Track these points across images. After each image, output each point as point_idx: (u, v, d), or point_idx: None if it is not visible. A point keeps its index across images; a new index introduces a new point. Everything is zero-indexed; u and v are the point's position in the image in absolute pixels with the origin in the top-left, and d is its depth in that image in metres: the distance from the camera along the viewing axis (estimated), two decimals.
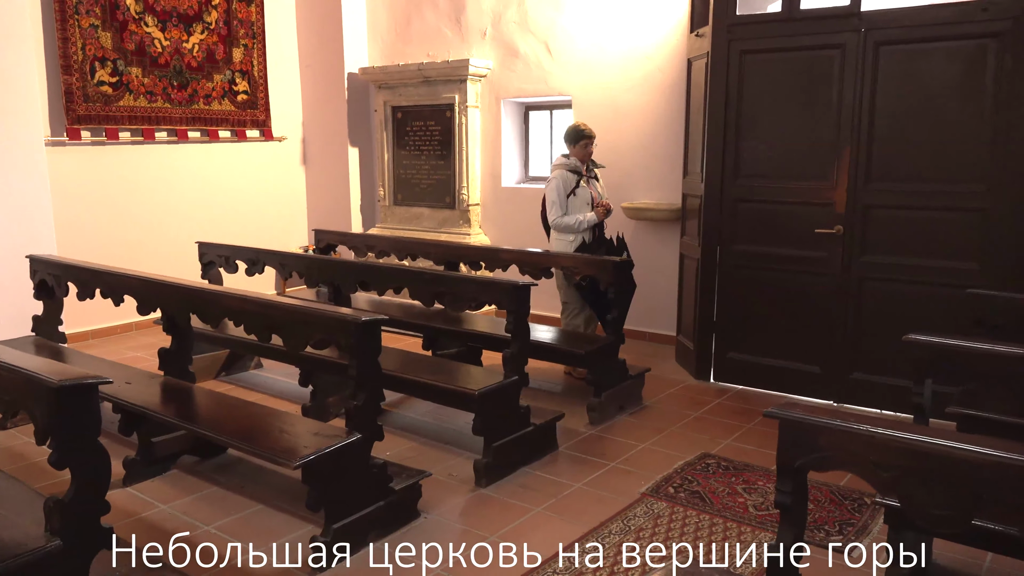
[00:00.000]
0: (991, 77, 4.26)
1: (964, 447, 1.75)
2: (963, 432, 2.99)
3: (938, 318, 4.32)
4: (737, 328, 5.21)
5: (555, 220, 5.12)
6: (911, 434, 1.83)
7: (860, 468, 1.95)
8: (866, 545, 3.23)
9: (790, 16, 4.80)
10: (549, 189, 5.16)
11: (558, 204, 5.10)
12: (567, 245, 5.16)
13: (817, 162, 4.80)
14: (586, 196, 5.15)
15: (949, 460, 1.77)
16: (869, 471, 1.92)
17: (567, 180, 5.12)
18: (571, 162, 5.17)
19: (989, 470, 1.75)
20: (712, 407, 4.86)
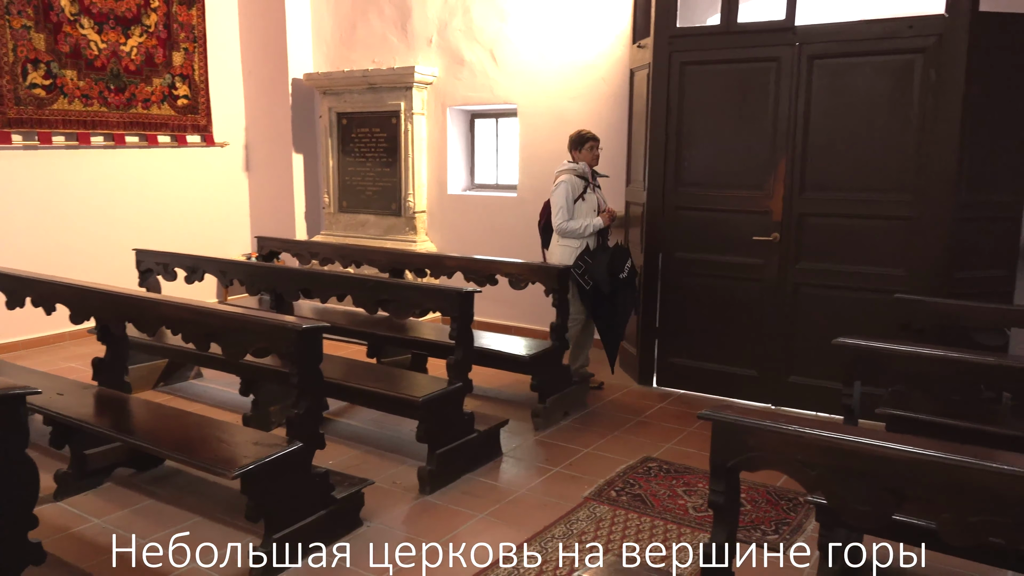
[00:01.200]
0: (917, 91, 4.44)
1: (884, 445, 1.82)
2: (892, 432, 3.11)
3: (868, 322, 4.48)
4: (679, 334, 5.31)
5: (561, 224, 4.97)
6: (835, 433, 1.90)
7: (789, 467, 2.01)
8: (800, 543, 3.31)
9: (728, 29, 4.93)
10: (557, 194, 5.00)
11: (565, 209, 4.97)
12: (570, 252, 4.99)
13: (755, 171, 4.92)
14: (593, 203, 5.06)
15: (870, 457, 1.84)
16: (797, 470, 1.98)
17: (575, 185, 5.01)
18: (579, 167, 5.06)
19: (908, 466, 1.83)
20: (654, 411, 4.93)
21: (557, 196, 5.00)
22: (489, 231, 6.82)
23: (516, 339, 5.08)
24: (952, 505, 1.77)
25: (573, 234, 4.99)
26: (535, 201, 6.52)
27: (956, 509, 1.76)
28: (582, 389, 4.99)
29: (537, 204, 6.49)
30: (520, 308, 6.57)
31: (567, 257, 4.99)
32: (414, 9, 7.01)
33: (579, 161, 5.08)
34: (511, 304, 6.57)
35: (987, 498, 1.72)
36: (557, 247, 5.08)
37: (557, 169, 5.18)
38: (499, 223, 6.77)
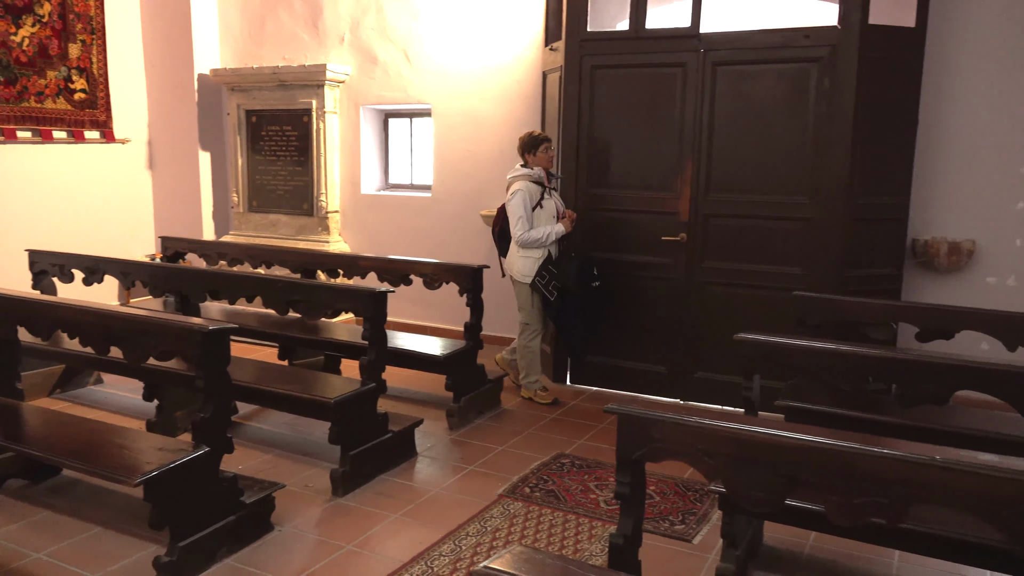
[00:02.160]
0: (813, 97, 4.66)
1: (777, 433, 1.92)
2: (791, 422, 3.27)
3: (769, 319, 4.66)
4: (592, 332, 5.40)
5: (522, 236, 4.75)
6: (732, 424, 1.99)
7: (690, 457, 2.09)
8: (706, 532, 3.44)
9: (636, 35, 5.06)
10: (514, 204, 4.76)
11: (524, 219, 4.75)
12: (532, 263, 4.81)
13: (663, 173, 5.07)
14: (552, 208, 4.88)
15: (764, 446, 1.93)
16: (698, 459, 2.07)
17: (532, 192, 4.81)
18: (534, 173, 4.84)
19: (799, 453, 1.93)
20: (568, 409, 5.02)
21: (514, 206, 4.77)
22: (404, 231, 6.78)
23: (431, 339, 5.08)
24: (839, 488, 1.88)
25: (535, 244, 4.79)
26: (449, 201, 6.54)
27: (843, 492, 1.88)
28: (496, 388, 5.03)
29: (451, 204, 6.52)
30: (435, 308, 6.57)
31: (528, 268, 4.83)
32: (325, 6, 6.91)
33: (533, 165, 4.86)
34: (426, 304, 6.55)
35: (870, 481, 1.84)
36: (517, 258, 4.88)
37: (509, 175, 4.96)
38: (414, 223, 6.74)
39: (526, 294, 4.91)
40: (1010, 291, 4.91)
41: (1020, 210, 4.85)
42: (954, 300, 4.91)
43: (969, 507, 1.79)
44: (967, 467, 1.74)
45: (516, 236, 4.81)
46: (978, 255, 4.94)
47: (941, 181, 5.00)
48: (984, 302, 4.83)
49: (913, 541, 2.70)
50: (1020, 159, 4.82)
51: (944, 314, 3.78)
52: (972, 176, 4.92)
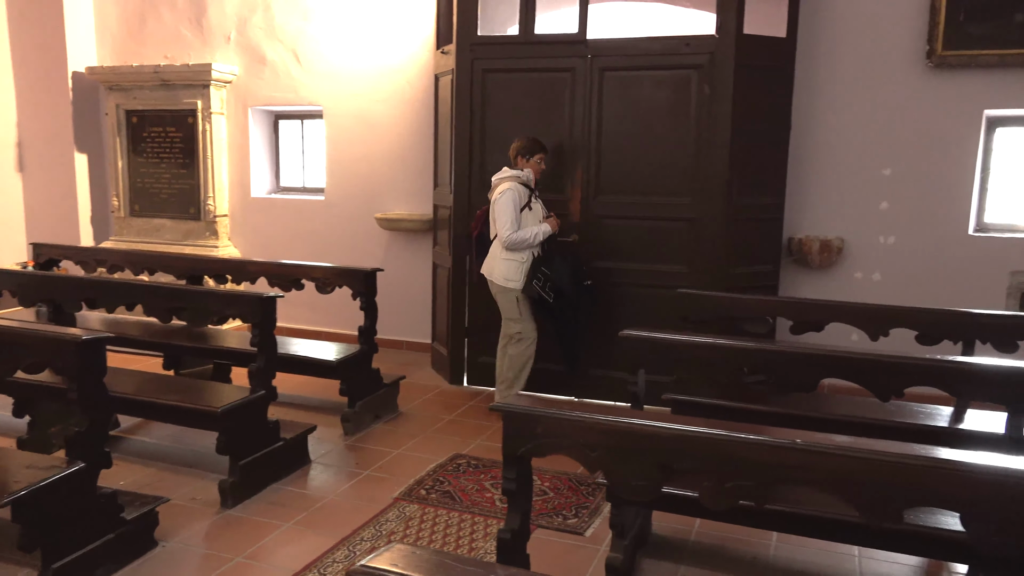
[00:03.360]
0: (694, 103, 4.86)
1: (653, 424, 2.00)
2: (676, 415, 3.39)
3: (658, 316, 4.82)
4: (488, 333, 5.42)
5: (510, 236, 4.51)
6: (611, 417, 2.06)
7: (573, 450, 2.15)
8: (597, 524, 3.53)
9: (526, 40, 5.14)
10: (502, 203, 4.54)
11: (513, 219, 4.52)
12: (516, 266, 4.59)
13: (555, 176, 5.16)
14: (539, 213, 4.69)
15: (641, 436, 2.01)
16: (580, 452, 2.13)
17: (521, 194, 4.62)
18: (524, 175, 4.66)
19: (674, 442, 2.02)
20: (465, 410, 5.04)
21: (503, 205, 4.55)
22: (296, 235, 6.65)
23: (324, 344, 5.01)
24: (710, 474, 1.98)
25: (522, 245, 4.57)
26: (343, 204, 6.46)
27: (713, 477, 1.98)
28: (392, 392, 5.00)
29: (345, 207, 6.44)
30: (328, 313, 6.46)
31: (513, 272, 4.60)
32: (210, 4, 6.70)
33: (524, 169, 4.70)
34: (319, 309, 6.44)
35: (737, 465, 1.95)
36: (500, 261, 4.64)
37: (496, 176, 4.74)
38: (307, 227, 6.62)
39: (512, 301, 4.65)
40: (876, 285, 5.26)
41: (883, 210, 5.21)
42: (827, 295, 5.21)
43: (828, 486, 1.91)
44: (823, 448, 1.86)
45: (504, 236, 4.53)
46: (847, 252, 5.26)
47: (813, 183, 5.31)
48: (853, 296, 5.16)
49: (787, 522, 2.87)
50: (882, 162, 5.17)
51: (814, 308, 4.02)
52: (840, 178, 5.25)
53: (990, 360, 3.01)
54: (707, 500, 1.98)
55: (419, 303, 6.20)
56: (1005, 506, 1.72)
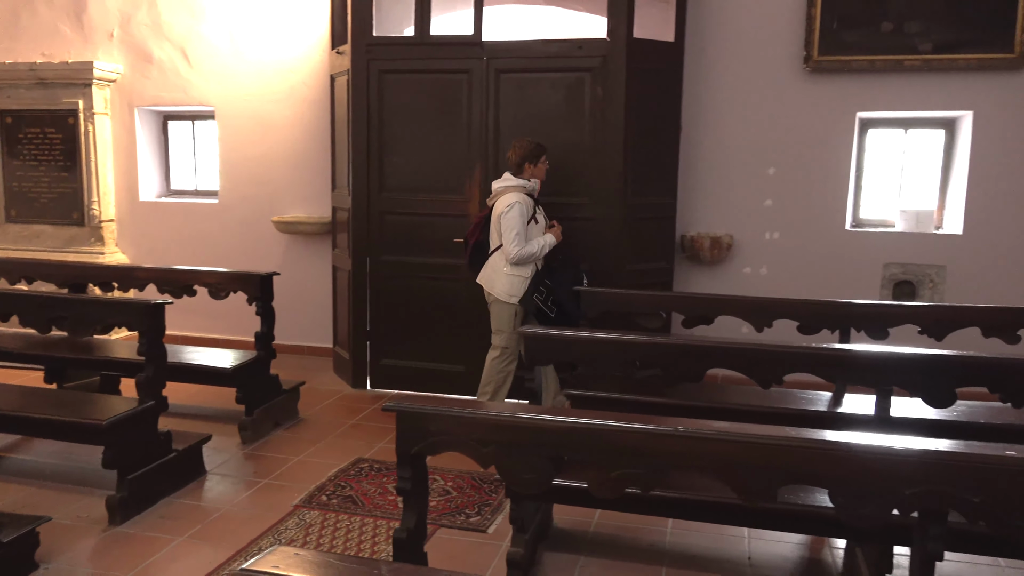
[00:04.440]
0: (588, 104, 4.97)
1: (538, 418, 2.05)
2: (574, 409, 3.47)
3: None
4: (390, 335, 5.42)
5: (518, 251, 4.34)
6: (501, 412, 2.10)
7: (466, 447, 2.17)
8: (500, 521, 3.57)
9: (422, 41, 5.14)
10: (511, 218, 4.34)
11: (522, 233, 4.36)
12: (520, 282, 4.43)
13: (453, 177, 5.19)
14: (543, 223, 4.56)
15: (531, 430, 2.05)
16: (473, 448, 2.15)
17: (529, 206, 4.45)
18: (529, 185, 4.49)
19: (562, 435, 2.07)
20: (367, 413, 5.00)
21: (512, 219, 4.36)
22: (189, 240, 6.43)
23: (219, 351, 4.86)
24: (597, 464, 2.04)
25: (531, 259, 4.43)
26: (238, 207, 6.29)
27: (601, 467, 2.04)
28: (292, 397, 4.90)
29: (240, 210, 6.28)
30: (224, 319, 6.27)
31: (517, 287, 4.43)
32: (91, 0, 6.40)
33: (531, 176, 4.52)
34: (214, 316, 6.24)
35: (623, 454, 2.01)
36: (503, 276, 4.46)
37: (499, 184, 4.53)
38: (200, 231, 6.41)
39: (507, 315, 4.50)
40: (763, 279, 5.51)
41: (768, 207, 5.46)
42: (718, 289, 5.43)
43: (708, 469, 2.00)
44: (702, 434, 1.95)
45: (512, 252, 4.36)
46: (736, 248, 5.49)
47: (703, 182, 5.52)
48: (742, 290, 5.39)
49: (681, 508, 2.99)
50: (766, 162, 5.43)
51: (704, 302, 4.19)
52: (728, 177, 5.47)
53: (861, 346, 3.21)
54: (596, 489, 2.04)
55: (320, 307, 6.10)
56: (864, 480, 1.85)
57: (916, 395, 2.89)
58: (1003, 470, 1.83)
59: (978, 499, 1.83)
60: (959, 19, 5.02)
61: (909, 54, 5.10)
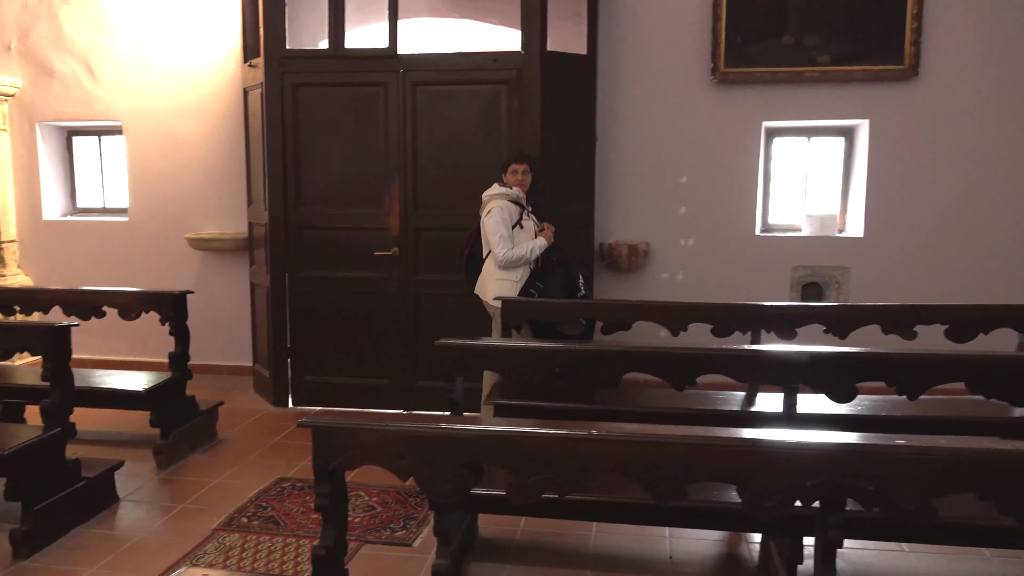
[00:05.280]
0: (504, 116, 5.02)
1: (454, 428, 2.06)
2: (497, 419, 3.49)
3: (480, 325, 4.92)
4: (312, 352, 5.35)
5: (506, 254, 4.37)
6: (418, 424, 2.10)
7: (385, 460, 2.17)
8: (426, 534, 3.55)
9: (336, 54, 5.11)
10: (492, 222, 4.41)
11: (507, 237, 4.39)
12: (510, 286, 4.43)
13: (372, 190, 5.16)
14: (531, 229, 4.55)
15: (445, 440, 2.07)
16: (391, 461, 2.15)
17: (511, 211, 4.48)
18: (512, 192, 4.54)
19: (479, 444, 2.09)
20: (290, 432, 4.91)
21: (494, 224, 4.41)
22: (97, 260, 6.19)
23: (131, 374, 4.70)
24: (515, 470, 2.06)
25: (519, 262, 4.44)
26: (148, 224, 6.11)
27: (518, 473, 2.06)
28: (211, 418, 4.77)
29: (151, 228, 6.11)
30: (137, 341, 6.06)
31: (506, 291, 4.43)
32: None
33: (513, 185, 4.57)
34: (127, 337, 6.03)
35: (538, 459, 2.05)
36: (493, 281, 4.48)
37: (486, 193, 4.61)
38: (109, 251, 6.19)
39: (498, 322, 4.45)
40: (680, 284, 5.66)
41: (683, 215, 5.62)
42: (637, 295, 5.56)
43: (622, 471, 2.05)
44: (614, 436, 2.00)
45: (499, 256, 4.41)
46: (653, 255, 5.63)
47: (619, 191, 5.64)
48: (660, 295, 5.53)
49: (603, 511, 3.04)
50: (679, 170, 5.58)
51: (622, 308, 4.28)
52: (644, 186, 5.61)
53: (769, 347, 3.34)
54: (513, 495, 2.06)
55: (238, 325, 5.96)
56: (767, 474, 1.93)
57: (820, 391, 3.02)
58: (894, 458, 1.94)
59: (873, 487, 1.93)
60: (854, 33, 5.29)
61: (809, 66, 5.34)
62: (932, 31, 5.21)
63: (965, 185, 5.32)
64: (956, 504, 2.12)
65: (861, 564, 3.23)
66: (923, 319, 3.96)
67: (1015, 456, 1.97)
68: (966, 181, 5.31)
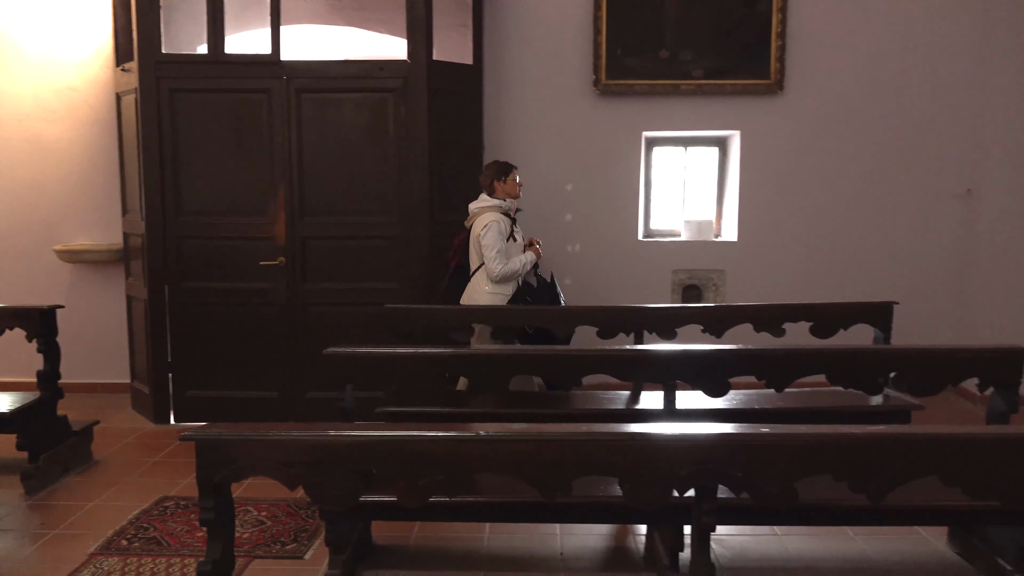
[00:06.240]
0: (392, 125, 5.03)
1: (343, 434, 2.07)
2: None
3: (371, 333, 4.89)
4: (195, 366, 5.17)
5: (501, 270, 4.43)
6: (304, 432, 2.10)
7: (271, 470, 2.15)
8: (317, 545, 3.51)
9: (216, 59, 4.97)
10: (490, 238, 4.42)
11: (503, 251, 4.45)
12: (502, 300, 4.49)
13: (257, 198, 5.05)
14: (520, 241, 4.64)
15: (333, 447, 2.07)
16: (278, 471, 2.13)
17: (506, 224, 4.52)
18: (505, 204, 4.55)
19: (368, 449, 2.11)
20: (172, 449, 4.73)
21: (491, 239, 4.44)
22: None
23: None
24: (404, 474, 2.09)
25: (513, 276, 4.52)
26: (12, 238, 5.76)
27: (408, 477, 2.09)
28: (85, 439, 4.53)
29: (15, 240, 5.77)
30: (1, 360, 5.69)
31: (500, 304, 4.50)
32: None
33: (502, 195, 4.59)
34: None
35: (427, 462, 2.08)
36: (484, 295, 4.52)
37: (476, 205, 4.60)
38: None
39: (487, 335, 4.46)
40: (569, 289, 5.77)
41: (568, 221, 5.79)
42: None
43: (509, 469, 2.11)
44: (500, 436, 2.06)
45: (495, 270, 4.44)
46: (542, 261, 5.73)
47: None
48: None
49: (495, 512, 3.09)
50: (565, 178, 5.75)
51: (511, 315, 4.35)
52: (531, 193, 5.68)
53: (648, 347, 3.50)
54: (403, 499, 2.09)
55: (114, 340, 5.69)
56: (645, 465, 2.04)
57: (697, 387, 3.19)
58: (759, 445, 2.09)
59: (741, 472, 2.07)
60: (724, 49, 5.60)
61: (684, 79, 5.61)
62: (795, 48, 5.58)
63: (828, 192, 5.72)
64: (818, 487, 2.30)
65: (738, 549, 3.42)
66: (790, 317, 4.24)
67: (865, 439, 2.16)
68: (829, 188, 5.71)
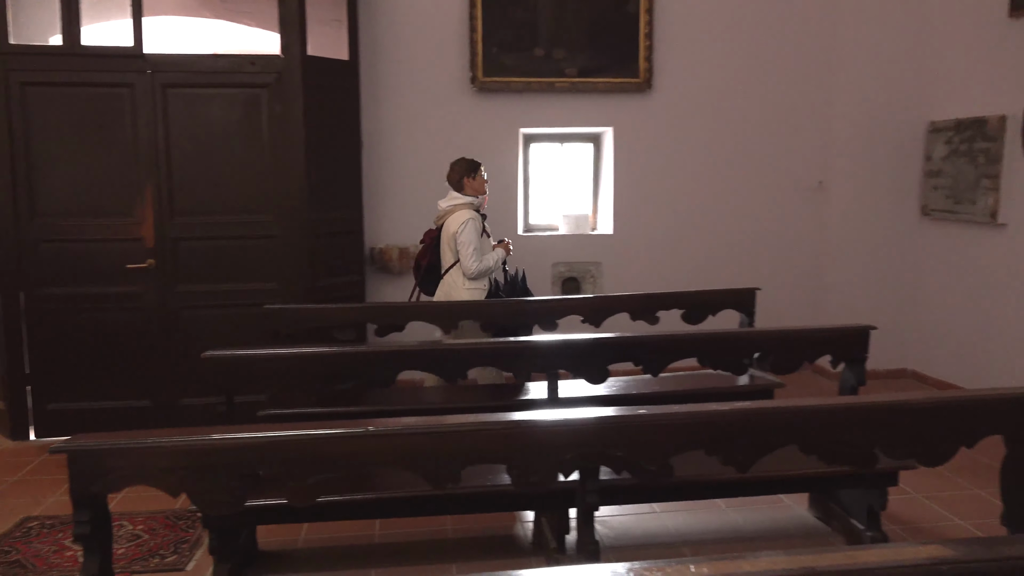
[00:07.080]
0: (266, 122, 4.90)
1: (223, 437, 2.04)
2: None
3: (249, 335, 4.76)
4: (57, 377, 4.85)
5: (477, 267, 4.50)
6: (184, 437, 2.05)
7: (151, 478, 2.09)
8: (200, 555, 3.41)
9: (72, 51, 4.70)
10: (467, 234, 4.47)
11: (479, 248, 4.53)
12: (479, 295, 4.58)
13: (121, 199, 4.80)
14: (491, 239, 4.75)
15: (213, 451, 2.03)
16: (159, 478, 2.07)
17: (479, 222, 4.60)
18: (476, 201, 4.63)
19: (250, 451, 2.08)
20: (34, 467, 4.44)
21: (468, 236, 4.49)
22: None
23: None
24: (294, 474, 2.08)
25: (488, 273, 4.63)
26: None
27: (297, 476, 2.08)
28: None
29: None
30: None
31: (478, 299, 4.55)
32: None
33: (472, 192, 4.65)
34: None
35: (319, 461, 2.08)
36: (463, 292, 4.55)
37: (445, 203, 4.66)
38: None
39: (474, 332, 4.44)
40: None
41: None
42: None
43: (400, 463, 2.14)
44: (391, 431, 2.08)
45: (471, 268, 4.51)
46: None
47: (388, 195, 5.73)
48: None
49: (385, 508, 3.10)
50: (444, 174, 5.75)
51: (395, 310, 4.38)
52: (412, 190, 5.73)
53: (531, 338, 3.60)
54: (293, 499, 2.07)
55: None
56: (530, 451, 2.12)
57: (578, 375, 3.31)
58: (637, 426, 2.21)
59: (621, 453, 2.19)
60: (596, 48, 5.79)
61: (559, 77, 5.76)
62: (662, 48, 5.84)
63: (696, 185, 6.02)
64: (692, 463, 2.45)
65: (621, 529, 3.58)
66: (663, 305, 4.46)
67: (733, 415, 2.32)
68: (695, 181, 6.02)
